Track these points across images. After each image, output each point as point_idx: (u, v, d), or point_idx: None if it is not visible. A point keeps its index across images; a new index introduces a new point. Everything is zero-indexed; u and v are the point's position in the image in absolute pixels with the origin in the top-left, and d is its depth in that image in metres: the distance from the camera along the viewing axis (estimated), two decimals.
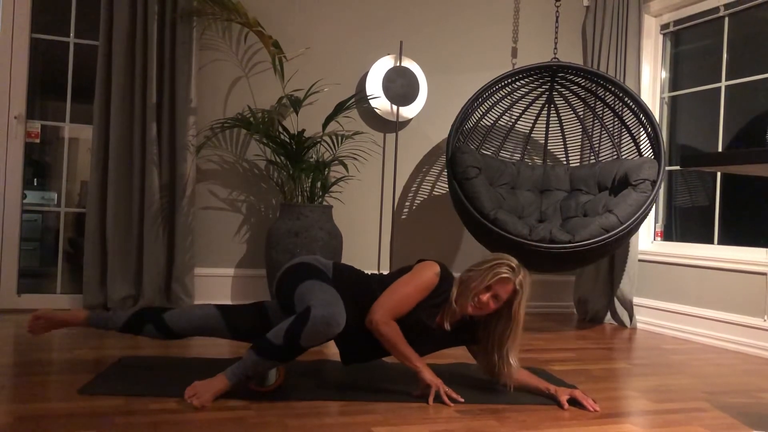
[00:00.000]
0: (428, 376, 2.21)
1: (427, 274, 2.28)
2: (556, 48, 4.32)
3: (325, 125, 3.88)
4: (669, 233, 4.50)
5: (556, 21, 4.40)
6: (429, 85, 4.41)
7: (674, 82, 4.56)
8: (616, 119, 4.24)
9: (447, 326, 2.29)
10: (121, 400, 2.05)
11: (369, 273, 2.46)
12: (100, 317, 2.40)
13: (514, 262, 2.25)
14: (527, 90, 4.37)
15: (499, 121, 4.44)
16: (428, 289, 2.27)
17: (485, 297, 2.21)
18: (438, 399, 2.18)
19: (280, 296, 2.34)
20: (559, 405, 2.22)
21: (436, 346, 2.40)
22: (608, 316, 4.40)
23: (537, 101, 4.44)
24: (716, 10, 4.12)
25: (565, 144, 4.50)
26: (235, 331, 2.33)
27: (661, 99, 4.56)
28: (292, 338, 2.02)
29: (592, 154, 4.38)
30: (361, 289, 2.30)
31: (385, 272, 2.60)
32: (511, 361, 2.26)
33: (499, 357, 2.27)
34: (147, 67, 3.72)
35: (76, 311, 2.44)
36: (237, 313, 2.36)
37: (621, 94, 4.07)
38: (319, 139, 3.84)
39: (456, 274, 2.36)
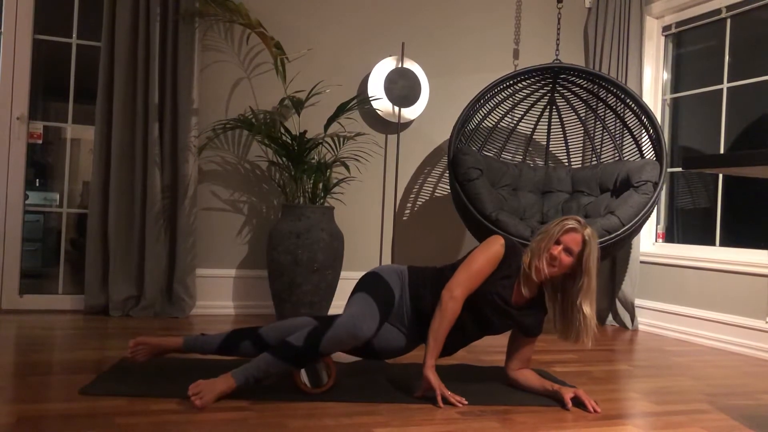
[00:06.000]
0: (433, 379, 2.21)
1: (494, 246, 2.35)
2: (557, 49, 4.32)
3: (326, 126, 3.88)
4: (671, 235, 4.49)
5: (558, 22, 4.40)
6: (430, 86, 4.41)
7: (676, 84, 4.56)
8: (617, 121, 4.24)
9: (526, 293, 2.32)
10: (122, 400, 2.05)
11: (440, 266, 2.49)
12: (196, 342, 2.40)
13: (579, 218, 2.32)
14: (529, 92, 4.37)
15: (501, 123, 4.44)
16: (496, 260, 2.33)
17: (556, 250, 2.25)
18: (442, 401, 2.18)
19: None
20: (563, 404, 2.22)
21: (515, 321, 2.39)
22: (610, 317, 4.40)
23: (539, 103, 4.44)
24: (718, 11, 4.12)
25: (566, 145, 4.50)
26: None
27: (663, 100, 4.56)
28: (314, 341, 2.04)
29: (593, 155, 4.38)
30: (439, 282, 2.34)
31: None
32: (586, 312, 2.29)
33: (577, 312, 2.29)
34: (149, 68, 3.73)
35: (173, 337, 2.44)
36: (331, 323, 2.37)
37: (623, 96, 4.07)
38: (321, 141, 3.84)
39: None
